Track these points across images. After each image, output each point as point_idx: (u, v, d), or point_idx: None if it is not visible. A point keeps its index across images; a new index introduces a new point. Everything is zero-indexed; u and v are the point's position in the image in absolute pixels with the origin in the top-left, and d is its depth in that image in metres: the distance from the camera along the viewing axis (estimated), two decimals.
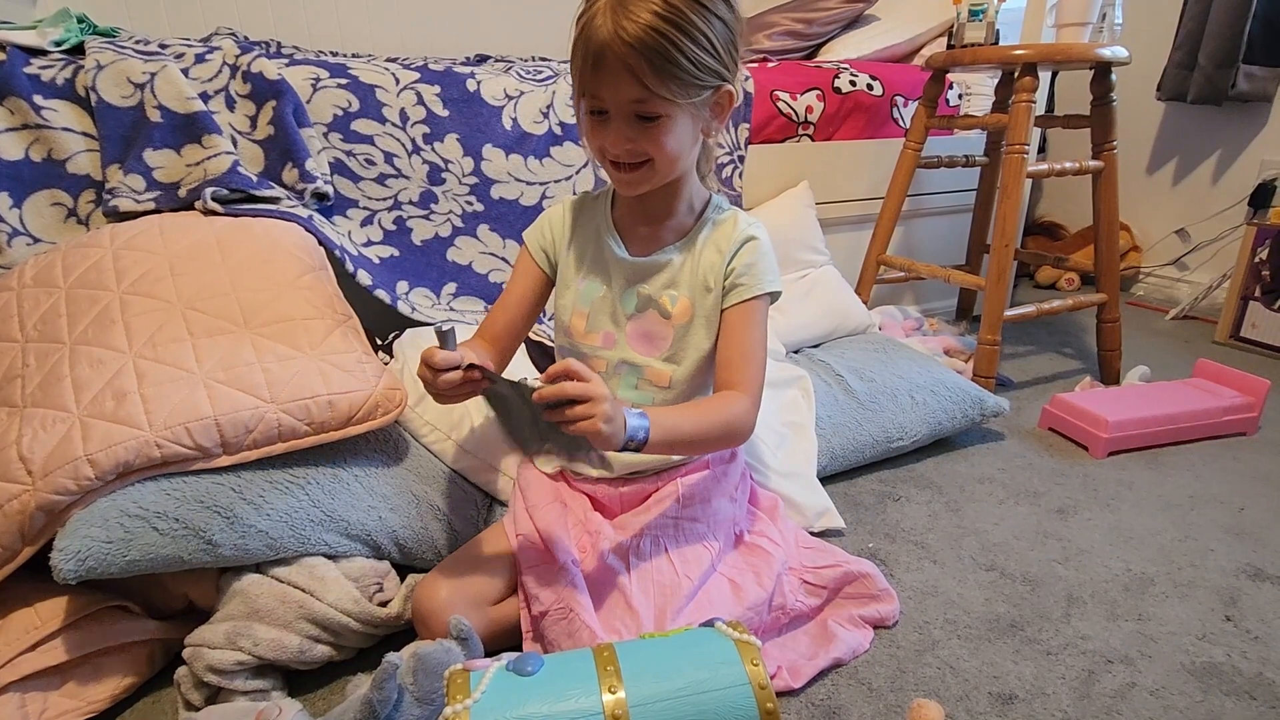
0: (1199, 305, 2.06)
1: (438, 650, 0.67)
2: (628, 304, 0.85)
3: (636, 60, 0.68)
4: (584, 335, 0.86)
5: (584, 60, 0.71)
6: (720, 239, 0.83)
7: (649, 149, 0.74)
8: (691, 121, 0.75)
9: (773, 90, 1.58)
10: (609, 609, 0.75)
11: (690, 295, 0.83)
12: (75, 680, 0.73)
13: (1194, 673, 0.80)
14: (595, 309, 0.86)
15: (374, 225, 1.25)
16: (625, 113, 0.72)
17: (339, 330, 0.91)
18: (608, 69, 0.69)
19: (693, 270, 0.83)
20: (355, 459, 0.87)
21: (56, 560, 0.66)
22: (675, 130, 0.73)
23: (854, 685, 0.78)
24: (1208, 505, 1.12)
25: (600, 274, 0.86)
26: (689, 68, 0.70)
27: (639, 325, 0.85)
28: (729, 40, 0.73)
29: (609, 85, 0.71)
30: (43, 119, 1.04)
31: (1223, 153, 2.05)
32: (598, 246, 0.86)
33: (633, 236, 0.85)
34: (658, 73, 0.69)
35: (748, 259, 0.82)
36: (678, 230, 0.84)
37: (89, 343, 0.82)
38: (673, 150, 0.75)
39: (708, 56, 0.71)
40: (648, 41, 0.67)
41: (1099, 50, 1.34)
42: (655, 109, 0.71)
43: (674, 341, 0.84)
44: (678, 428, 0.73)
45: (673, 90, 0.70)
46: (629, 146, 0.74)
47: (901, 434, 1.21)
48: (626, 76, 0.69)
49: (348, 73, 1.22)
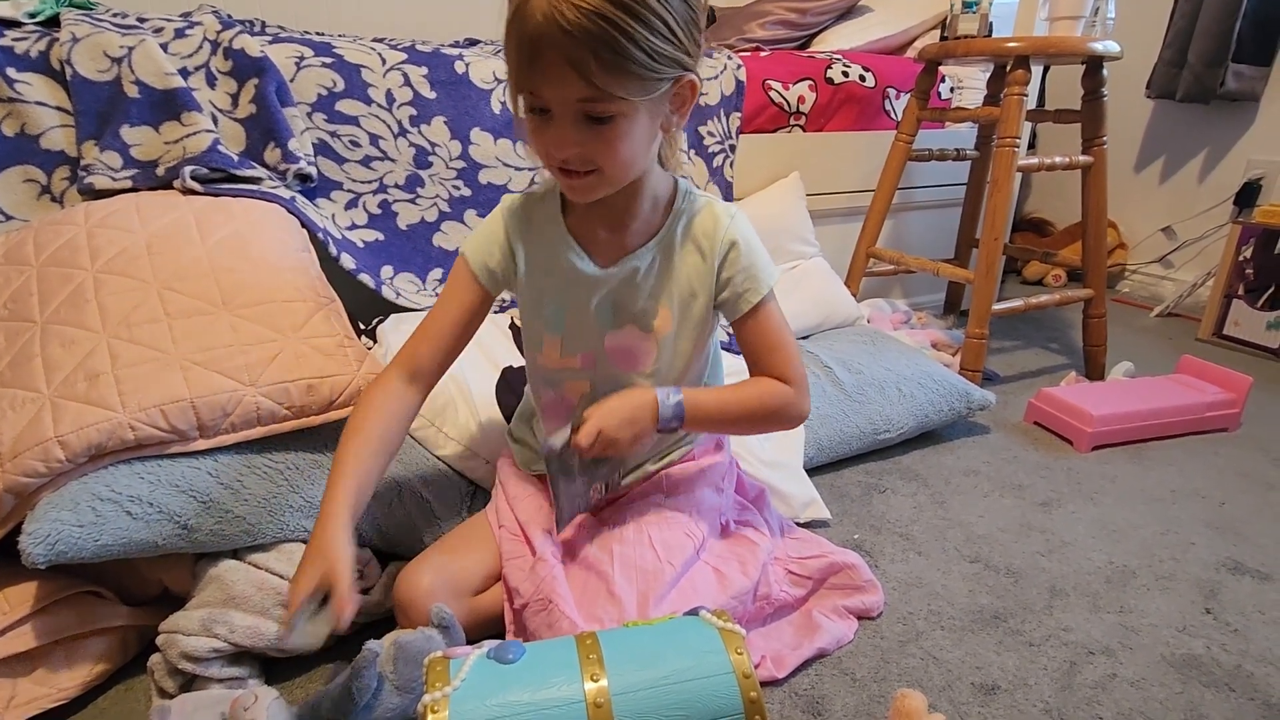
0: (1183, 303, 2.08)
1: (419, 638, 0.66)
2: (603, 319, 0.77)
3: (581, 53, 0.57)
4: (559, 360, 0.79)
5: (519, 50, 0.60)
6: (700, 239, 0.75)
7: (599, 155, 0.64)
8: (649, 119, 0.65)
9: (765, 79, 1.56)
10: (591, 598, 0.74)
11: (671, 304, 0.76)
12: (45, 667, 0.72)
13: (1174, 664, 0.80)
14: (568, 333, 0.78)
15: (358, 208, 1.23)
16: (571, 113, 0.61)
17: (321, 313, 0.89)
18: (547, 63, 0.58)
19: (672, 276, 0.75)
20: (336, 444, 0.86)
21: (25, 544, 0.65)
22: (631, 132, 0.63)
23: (838, 675, 0.78)
24: (1189, 500, 1.13)
25: (566, 293, 0.76)
26: (644, 60, 0.59)
27: (618, 340, 0.78)
28: (689, 20, 0.62)
29: (550, 82, 0.60)
30: (15, 93, 1.01)
31: (1210, 151, 2.07)
32: (557, 261, 0.75)
33: (595, 245, 0.75)
34: (608, 68, 0.58)
35: (741, 264, 0.74)
36: (645, 231, 0.75)
37: (61, 322, 0.80)
38: (627, 156, 0.65)
39: (665, 44, 0.60)
40: (594, 30, 0.56)
41: (1091, 44, 1.34)
42: (607, 109, 0.61)
43: (658, 355, 0.78)
44: (713, 409, 0.76)
45: (627, 88, 0.60)
46: (577, 151, 0.63)
47: (888, 426, 1.21)
48: (570, 72, 0.58)
49: (333, 51, 1.19)
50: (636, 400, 0.73)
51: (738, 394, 0.78)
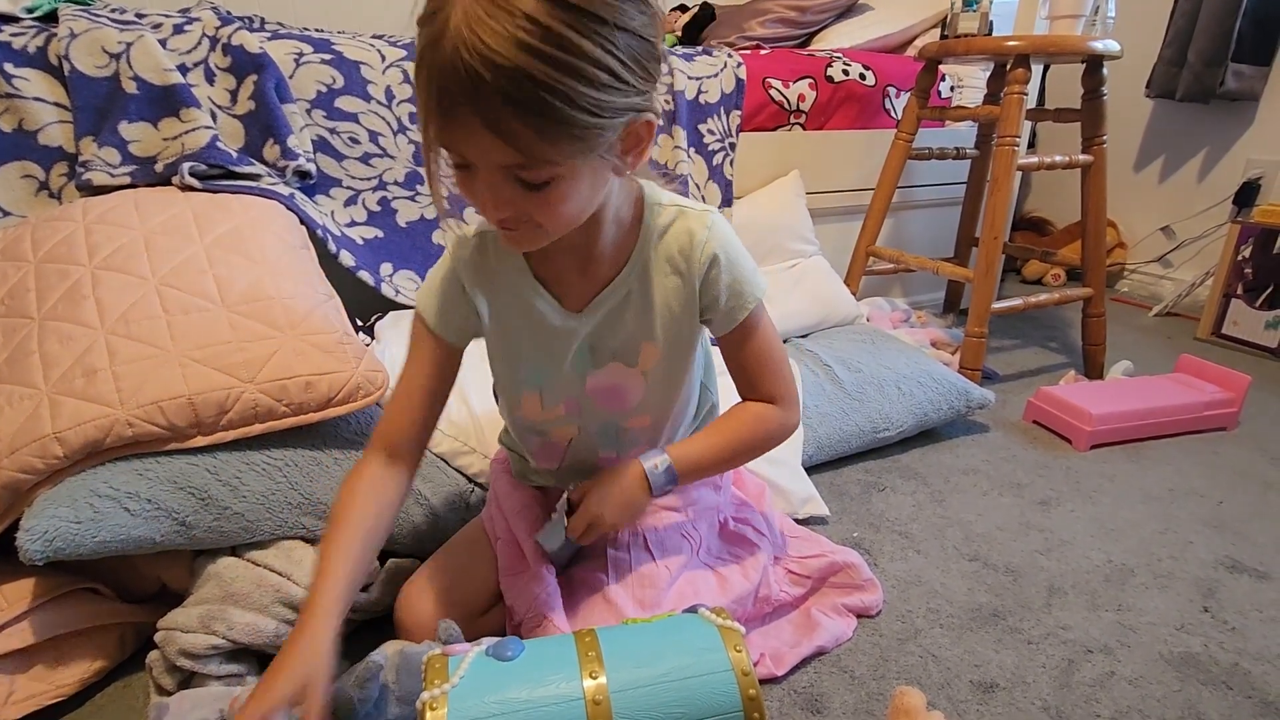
0: (1182, 302, 2.08)
1: (424, 651, 0.66)
2: (581, 363, 0.70)
3: (504, 118, 0.47)
4: (540, 413, 0.73)
5: (427, 106, 0.49)
6: (674, 257, 0.66)
7: (537, 215, 0.55)
8: (595, 172, 0.55)
9: (765, 78, 1.56)
10: (588, 606, 0.73)
11: (654, 336, 0.69)
12: (43, 663, 0.71)
13: (1172, 663, 0.80)
14: (547, 385, 0.72)
15: (358, 205, 1.23)
16: (498, 176, 0.52)
17: (319, 310, 0.89)
18: (463, 126, 0.48)
19: (652, 306, 0.68)
20: (335, 441, 0.86)
21: (23, 540, 0.65)
22: (573, 192, 0.54)
23: (837, 673, 0.78)
24: (1188, 498, 1.13)
25: (541, 344, 0.69)
26: (583, 120, 0.48)
27: (601, 380, 0.72)
28: (640, 54, 0.50)
29: (468, 144, 0.50)
30: (13, 88, 1.01)
31: (1209, 151, 2.07)
32: (525, 310, 0.68)
33: (564, 287, 0.67)
34: (538, 133, 0.48)
35: (724, 280, 0.66)
36: (615, 260, 0.66)
37: (58, 318, 0.80)
38: (571, 214, 0.56)
39: (609, 93, 0.49)
40: (516, 95, 0.46)
41: (1091, 43, 1.33)
42: (540, 175, 0.51)
43: (647, 389, 0.72)
44: (704, 458, 0.73)
45: (563, 151, 0.50)
46: (510, 213, 0.55)
47: (887, 424, 1.21)
48: (491, 139, 0.48)
49: (332, 48, 1.19)
50: (625, 480, 0.71)
51: (725, 433, 0.74)
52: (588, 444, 0.77)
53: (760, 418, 0.73)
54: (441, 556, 0.81)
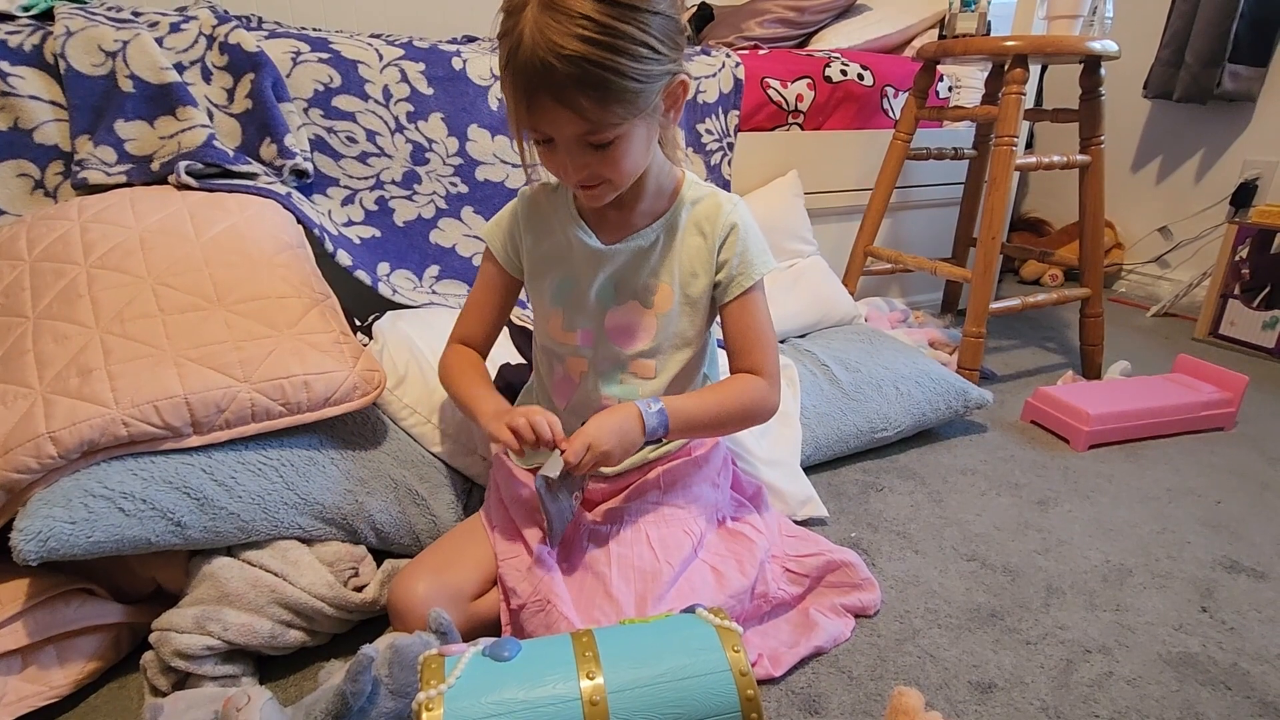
0: (1179, 302, 2.08)
1: (415, 643, 0.66)
2: (604, 296, 0.81)
3: (574, 96, 0.61)
4: (562, 334, 0.82)
5: (516, 98, 0.64)
6: (703, 221, 0.79)
7: (605, 171, 0.69)
8: (646, 126, 0.69)
9: (763, 77, 1.56)
10: (589, 598, 0.74)
11: (672, 282, 0.80)
12: (37, 665, 0.71)
13: (1170, 663, 0.80)
14: (570, 306, 0.81)
15: (355, 205, 1.22)
16: (574, 143, 0.67)
17: (316, 309, 0.88)
18: (543, 107, 0.63)
19: (674, 256, 0.79)
20: (332, 441, 0.85)
21: (16, 540, 0.64)
22: (631, 147, 0.68)
23: (835, 673, 0.77)
24: (1185, 498, 1.13)
25: (572, 269, 0.81)
26: (634, 86, 0.63)
27: (618, 317, 0.81)
28: (670, 29, 0.65)
29: (549, 122, 0.65)
30: (9, 86, 1.01)
31: (1206, 151, 2.07)
32: (565, 239, 0.80)
33: (602, 224, 0.79)
34: (600, 103, 0.62)
35: (738, 248, 0.78)
36: (650, 214, 0.79)
37: (53, 317, 0.79)
38: (631, 166, 0.70)
39: (652, 64, 0.64)
40: (582, 76, 0.60)
41: (1089, 43, 1.33)
42: (605, 136, 0.66)
43: (657, 332, 0.81)
44: (695, 414, 0.78)
45: (620, 113, 0.64)
46: (585, 173, 0.69)
47: (886, 424, 1.21)
48: (567, 114, 0.63)
49: (329, 47, 1.19)
50: (621, 413, 0.74)
51: (716, 395, 0.81)
52: (595, 383, 0.83)
53: (746, 385, 0.80)
54: (437, 544, 0.83)
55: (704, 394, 0.82)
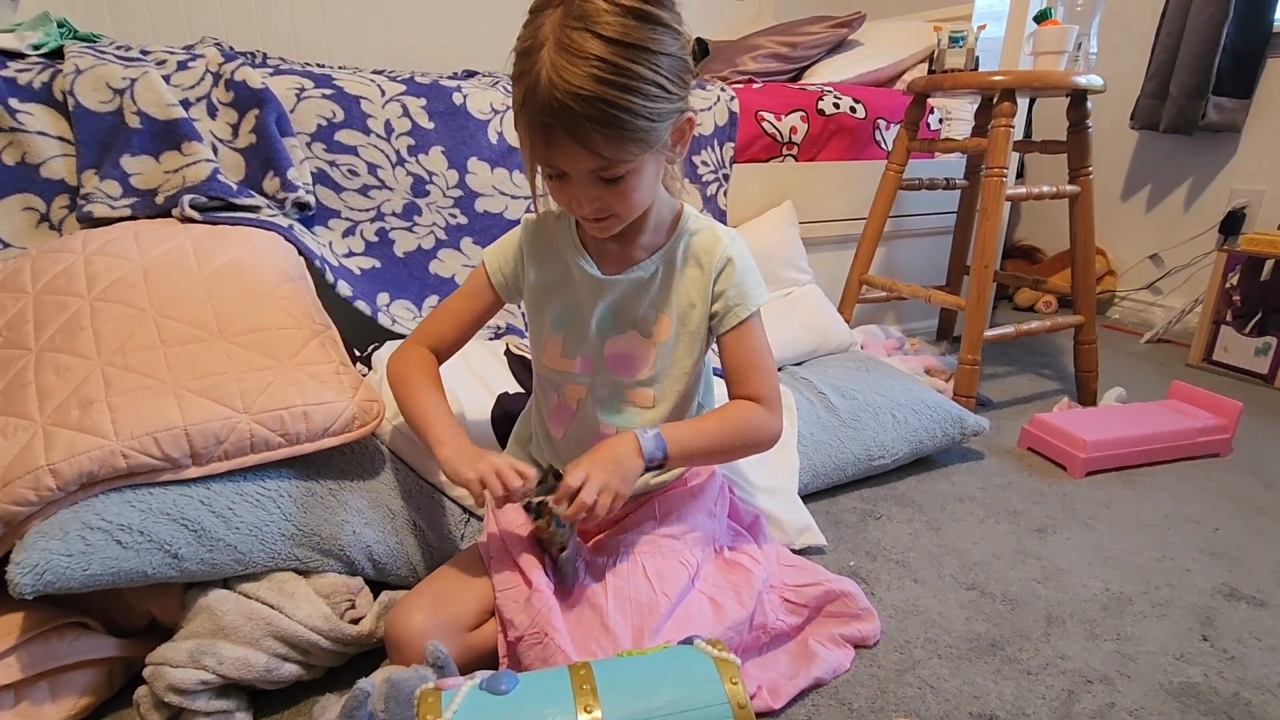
0: (1172, 329, 2.10)
1: (411, 677, 0.65)
2: (604, 325, 0.82)
3: (589, 134, 0.63)
4: (559, 361, 0.83)
5: (532, 136, 0.66)
6: (700, 254, 0.81)
7: (615, 206, 0.71)
8: (655, 163, 0.72)
9: (758, 111, 1.60)
10: (585, 630, 0.73)
11: (671, 313, 0.81)
12: (29, 700, 0.70)
13: (1172, 693, 0.80)
14: (570, 334, 0.83)
15: (356, 236, 1.24)
16: (586, 178, 0.68)
17: (316, 340, 0.89)
18: (561, 145, 0.65)
19: (673, 287, 0.81)
20: (330, 472, 0.85)
21: (13, 574, 0.64)
22: (641, 182, 0.70)
23: (834, 705, 0.77)
24: (1183, 525, 1.13)
25: (572, 297, 0.82)
26: (646, 124, 0.65)
27: (618, 346, 0.82)
28: (680, 69, 0.68)
29: (564, 158, 0.66)
30: (17, 122, 1.03)
31: (1194, 180, 2.11)
32: (566, 268, 0.81)
33: (603, 255, 0.81)
34: (613, 141, 0.64)
35: (734, 279, 0.80)
36: (650, 247, 0.81)
37: (56, 349, 0.80)
38: (640, 200, 0.72)
39: (663, 103, 0.66)
40: (598, 115, 0.62)
41: (1075, 78, 1.37)
42: (618, 171, 0.68)
43: (656, 361, 0.82)
44: (694, 438, 0.78)
45: (632, 150, 0.66)
46: (596, 205, 0.71)
47: (883, 452, 1.21)
48: (582, 151, 0.65)
49: (333, 83, 1.22)
50: (616, 443, 0.74)
51: (714, 421, 0.81)
52: (593, 411, 0.84)
53: (744, 410, 0.81)
54: (434, 575, 0.82)
55: (701, 421, 0.82)
